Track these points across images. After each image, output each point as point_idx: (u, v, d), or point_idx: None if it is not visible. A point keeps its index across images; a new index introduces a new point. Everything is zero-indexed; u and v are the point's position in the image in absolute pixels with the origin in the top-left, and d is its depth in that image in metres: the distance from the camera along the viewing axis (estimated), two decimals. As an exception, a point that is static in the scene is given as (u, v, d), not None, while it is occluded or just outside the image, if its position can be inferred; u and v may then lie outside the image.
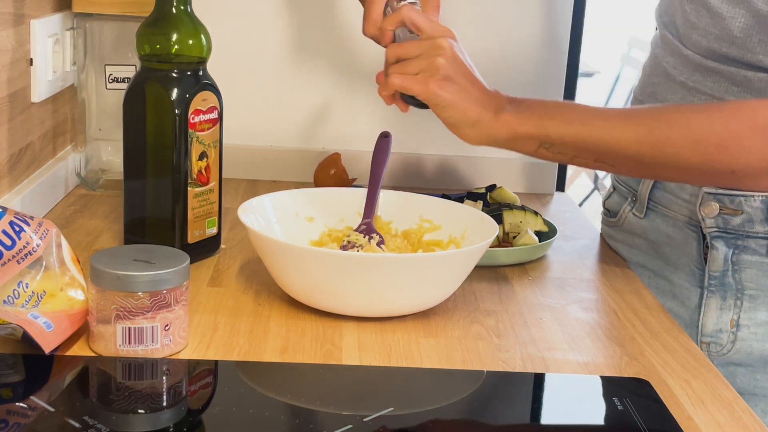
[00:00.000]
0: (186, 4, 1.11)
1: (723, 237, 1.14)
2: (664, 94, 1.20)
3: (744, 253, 1.13)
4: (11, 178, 1.21)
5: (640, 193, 1.26)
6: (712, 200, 1.14)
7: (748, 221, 1.12)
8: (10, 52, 1.19)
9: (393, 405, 0.85)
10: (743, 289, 1.14)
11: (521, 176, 1.59)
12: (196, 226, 1.14)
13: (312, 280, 1.01)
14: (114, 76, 1.38)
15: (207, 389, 0.89)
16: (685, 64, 1.16)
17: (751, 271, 1.13)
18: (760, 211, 1.11)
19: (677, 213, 1.20)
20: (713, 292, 1.15)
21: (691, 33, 1.14)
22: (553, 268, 1.23)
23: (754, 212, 1.11)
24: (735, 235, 1.14)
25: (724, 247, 1.14)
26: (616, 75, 5.27)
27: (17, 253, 0.89)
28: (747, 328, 1.13)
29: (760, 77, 1.08)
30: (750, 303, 1.13)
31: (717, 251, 1.15)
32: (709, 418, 0.87)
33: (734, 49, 1.09)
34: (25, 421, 0.79)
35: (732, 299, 1.14)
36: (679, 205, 1.20)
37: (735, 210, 1.13)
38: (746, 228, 1.13)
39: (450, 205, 1.18)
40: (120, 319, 0.88)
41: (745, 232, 1.13)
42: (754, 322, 1.13)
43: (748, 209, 1.12)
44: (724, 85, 1.12)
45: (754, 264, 1.13)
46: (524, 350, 0.98)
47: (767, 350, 1.13)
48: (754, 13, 1.06)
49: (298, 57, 1.55)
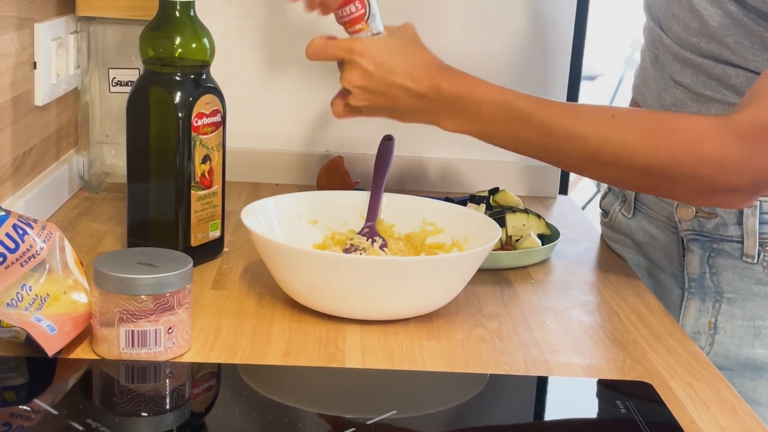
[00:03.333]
0: (189, 8, 1.11)
1: (699, 240, 1.15)
2: (650, 82, 1.21)
3: (719, 256, 1.13)
4: (15, 181, 1.21)
5: (626, 193, 1.27)
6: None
7: (722, 224, 1.12)
8: (14, 56, 1.19)
9: (396, 408, 0.85)
10: (722, 292, 1.14)
11: (524, 179, 1.59)
12: (199, 229, 1.14)
13: (315, 283, 1.01)
14: (117, 79, 1.39)
15: (210, 392, 0.89)
16: (666, 53, 1.16)
17: (727, 274, 1.13)
18: (733, 215, 1.11)
19: (659, 214, 1.21)
20: (693, 294, 1.16)
21: (671, 23, 1.14)
22: (556, 271, 1.23)
23: (727, 216, 1.12)
24: (710, 238, 1.14)
25: (700, 250, 1.15)
26: (619, 78, 5.27)
27: (21, 256, 0.89)
28: (724, 331, 1.13)
29: (737, 73, 1.08)
30: (728, 306, 1.13)
31: (693, 254, 1.15)
32: (712, 421, 0.87)
33: (713, 45, 1.09)
34: (28, 424, 0.80)
35: (711, 302, 1.14)
36: (661, 206, 1.21)
37: (709, 213, 1.13)
38: (720, 231, 1.13)
39: (453, 209, 1.18)
40: (123, 322, 0.88)
41: (720, 236, 1.13)
42: (730, 325, 1.13)
43: (722, 213, 1.12)
44: (702, 78, 1.12)
45: (729, 267, 1.13)
46: (527, 353, 0.98)
47: (743, 354, 1.12)
48: (729, 14, 1.06)
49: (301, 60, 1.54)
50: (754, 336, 1.12)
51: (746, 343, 1.12)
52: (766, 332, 1.12)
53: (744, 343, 1.12)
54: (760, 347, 1.12)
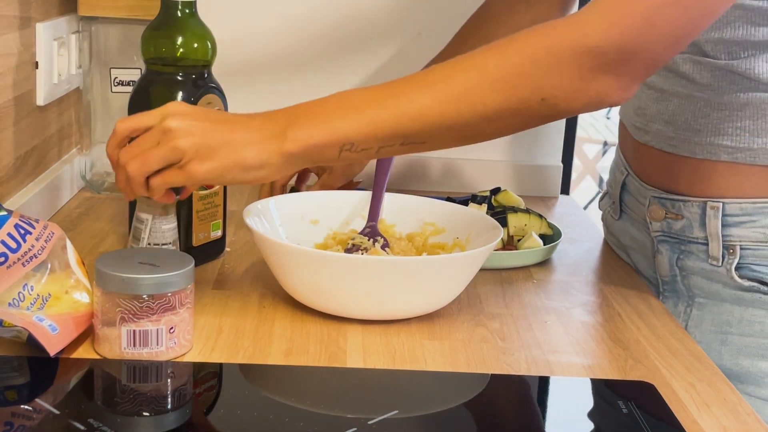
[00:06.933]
0: (191, 8, 1.11)
1: (668, 241, 1.15)
2: None
3: (687, 258, 1.13)
4: (17, 181, 1.21)
5: (613, 195, 1.27)
6: (657, 204, 1.14)
7: (688, 226, 1.12)
8: (16, 56, 1.19)
9: (397, 408, 0.85)
10: (693, 296, 1.13)
11: (526, 179, 1.59)
12: (201, 229, 1.14)
13: (316, 283, 1.01)
14: (119, 79, 1.39)
15: (211, 392, 0.89)
16: None
17: (696, 278, 1.13)
18: (697, 216, 1.11)
19: (638, 216, 1.21)
20: (667, 298, 1.16)
21: None
22: (558, 271, 1.23)
23: (692, 217, 1.11)
24: (678, 240, 1.14)
25: (669, 252, 1.14)
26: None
27: (22, 255, 0.89)
28: (693, 336, 1.12)
29: (684, 59, 1.08)
30: (698, 311, 1.13)
31: (662, 255, 1.15)
32: (714, 421, 0.87)
33: None
34: (30, 424, 0.80)
35: (683, 306, 1.14)
36: (638, 208, 1.20)
37: (677, 215, 1.13)
38: (687, 233, 1.13)
39: (454, 208, 1.18)
40: (125, 322, 0.88)
41: (687, 237, 1.13)
42: (699, 331, 1.12)
43: (687, 214, 1.12)
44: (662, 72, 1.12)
45: (697, 270, 1.13)
46: (529, 353, 0.98)
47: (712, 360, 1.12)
48: None
49: (302, 60, 1.55)
50: (720, 343, 1.11)
51: (713, 350, 1.11)
52: (732, 339, 1.10)
53: (711, 350, 1.11)
54: (727, 354, 1.11)
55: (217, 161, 0.93)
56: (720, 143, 1.09)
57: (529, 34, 0.93)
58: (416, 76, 0.96)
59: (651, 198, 1.16)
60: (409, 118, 0.93)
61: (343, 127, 0.93)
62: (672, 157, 1.14)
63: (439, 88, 0.93)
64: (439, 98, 0.93)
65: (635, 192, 1.21)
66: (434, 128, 0.94)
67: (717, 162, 1.10)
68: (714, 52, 1.06)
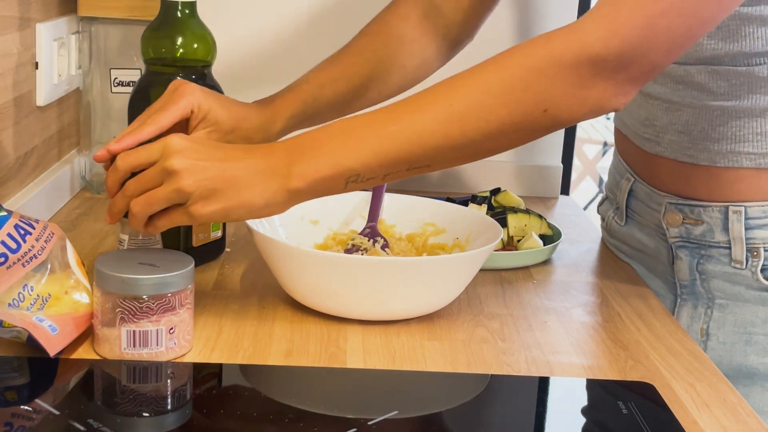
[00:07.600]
0: (191, 8, 1.11)
1: (687, 246, 1.14)
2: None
3: (708, 262, 1.13)
4: (17, 182, 1.21)
5: (618, 201, 1.26)
6: (674, 210, 1.14)
7: (709, 231, 1.12)
8: (16, 56, 1.19)
9: (397, 408, 0.85)
10: (713, 298, 1.13)
11: (526, 179, 1.59)
12: (201, 229, 1.14)
13: (316, 284, 1.01)
14: (119, 79, 1.39)
15: (211, 392, 0.89)
16: None
17: (717, 281, 1.12)
18: (719, 220, 1.10)
19: (649, 222, 1.20)
20: (685, 300, 1.16)
21: None
22: (558, 272, 1.23)
23: (713, 222, 1.11)
24: (698, 245, 1.13)
25: (689, 257, 1.14)
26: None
27: (22, 256, 0.89)
28: (716, 338, 1.12)
29: (698, 70, 1.08)
30: (719, 312, 1.13)
31: (682, 261, 1.15)
32: (714, 422, 0.87)
33: None
34: (29, 424, 0.80)
35: (703, 308, 1.14)
36: (650, 214, 1.20)
37: (696, 220, 1.12)
38: (708, 238, 1.12)
39: (454, 209, 1.18)
40: (125, 323, 0.88)
41: (707, 242, 1.12)
42: (722, 332, 1.12)
43: (708, 219, 1.11)
44: (670, 84, 1.11)
45: (718, 274, 1.12)
46: (529, 353, 0.98)
47: (735, 361, 1.11)
48: None
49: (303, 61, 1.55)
50: (745, 342, 1.11)
51: (738, 350, 1.11)
52: (757, 339, 1.11)
53: (736, 350, 1.11)
54: (753, 354, 1.11)
55: (222, 203, 0.92)
56: (741, 150, 1.08)
57: (528, 46, 0.93)
58: (417, 98, 0.95)
59: (667, 204, 1.15)
60: (413, 143, 0.92)
61: (347, 159, 0.92)
62: (689, 167, 1.13)
63: (441, 108, 0.92)
64: (441, 119, 0.92)
65: (646, 198, 1.20)
66: (438, 151, 0.93)
67: (739, 169, 1.09)
68: (733, 62, 1.06)
